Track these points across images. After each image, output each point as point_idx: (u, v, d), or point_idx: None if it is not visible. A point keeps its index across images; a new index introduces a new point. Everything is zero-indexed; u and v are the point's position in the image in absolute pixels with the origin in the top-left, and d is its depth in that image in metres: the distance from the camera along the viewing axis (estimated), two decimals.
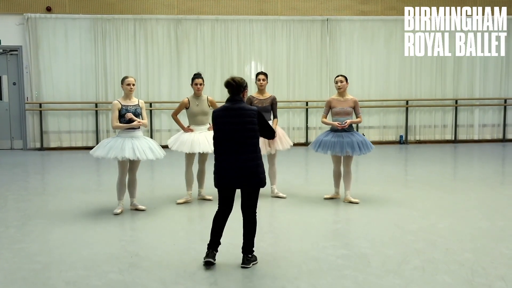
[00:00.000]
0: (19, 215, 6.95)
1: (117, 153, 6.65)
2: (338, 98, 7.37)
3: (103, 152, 6.75)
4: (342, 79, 7.32)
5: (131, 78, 6.98)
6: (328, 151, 7.23)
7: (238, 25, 13.92)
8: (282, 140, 7.82)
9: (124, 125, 6.82)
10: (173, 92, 13.82)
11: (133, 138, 6.85)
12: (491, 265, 4.84)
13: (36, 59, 13.39)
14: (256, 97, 7.73)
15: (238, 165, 4.80)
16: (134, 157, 6.69)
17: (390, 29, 14.28)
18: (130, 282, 4.54)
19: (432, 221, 6.40)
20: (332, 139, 7.23)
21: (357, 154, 7.25)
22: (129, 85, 6.89)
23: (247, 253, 4.95)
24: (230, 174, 4.83)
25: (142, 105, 7.05)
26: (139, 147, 6.77)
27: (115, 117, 6.81)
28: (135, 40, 13.68)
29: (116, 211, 6.87)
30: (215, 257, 4.94)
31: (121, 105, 6.84)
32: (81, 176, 9.90)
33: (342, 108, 7.28)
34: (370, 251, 5.29)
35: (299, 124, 14.25)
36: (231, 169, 4.82)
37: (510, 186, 8.89)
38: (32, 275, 4.72)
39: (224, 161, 4.86)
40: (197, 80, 7.39)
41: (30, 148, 13.60)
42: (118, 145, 6.72)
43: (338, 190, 7.65)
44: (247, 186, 4.87)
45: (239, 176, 4.82)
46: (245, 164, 4.80)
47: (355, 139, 7.22)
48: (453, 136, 14.64)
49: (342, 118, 7.27)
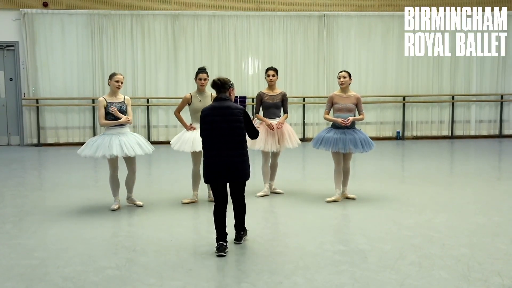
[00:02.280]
0: (16, 211, 6.95)
1: (104, 151, 6.60)
2: (340, 94, 7.19)
3: (90, 151, 6.68)
4: (346, 74, 7.09)
5: (119, 75, 6.86)
6: (330, 147, 7.05)
7: (235, 20, 13.91)
8: (292, 137, 7.67)
9: (112, 122, 6.76)
10: (170, 88, 13.81)
11: (120, 134, 6.78)
12: (487, 260, 4.86)
13: (33, 54, 13.36)
14: (267, 93, 7.58)
15: (226, 161, 5.08)
16: (122, 154, 6.64)
17: (387, 25, 14.29)
18: (127, 277, 4.55)
19: (429, 217, 6.42)
20: (335, 135, 7.06)
21: (359, 152, 7.09)
22: (118, 82, 6.81)
23: (239, 230, 5.42)
24: (218, 170, 5.11)
25: (128, 102, 6.96)
26: (127, 143, 6.70)
27: (101, 115, 6.75)
28: (132, 36, 13.65)
29: (113, 207, 6.87)
30: (226, 247, 5.13)
31: (107, 102, 6.77)
32: (78, 172, 9.89)
33: (344, 105, 7.12)
34: (367, 246, 5.30)
35: (296, 120, 14.24)
36: (219, 165, 5.10)
37: (506, 181, 8.91)
38: (29, 271, 4.72)
39: (212, 158, 5.11)
40: (201, 74, 7.08)
41: (27, 144, 13.57)
42: (106, 143, 6.66)
43: (340, 191, 7.29)
44: (234, 180, 5.23)
45: (227, 172, 5.12)
46: (231, 160, 5.10)
47: (358, 137, 7.08)
48: (450, 132, 14.67)
49: (344, 115, 7.10)
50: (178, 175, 9.35)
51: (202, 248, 5.31)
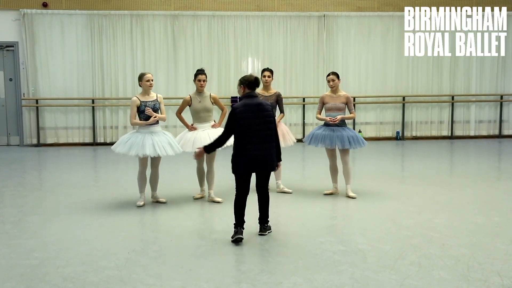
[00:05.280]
0: (16, 211, 6.95)
1: (138, 150, 6.75)
2: (331, 94, 7.59)
3: (124, 149, 6.84)
4: (334, 77, 7.51)
5: (149, 74, 6.99)
6: (319, 144, 7.45)
7: (235, 21, 13.91)
8: (286, 136, 7.85)
9: (142, 122, 6.90)
10: (170, 88, 13.81)
11: (152, 133, 6.92)
12: (487, 261, 4.86)
13: (33, 55, 13.35)
14: (262, 94, 7.69)
15: (259, 153, 5.51)
16: (154, 154, 6.78)
17: (387, 25, 14.29)
18: (126, 277, 4.55)
19: (428, 217, 6.42)
20: (323, 132, 7.48)
21: (347, 147, 7.39)
22: (149, 81, 6.94)
23: (263, 222, 5.77)
24: (252, 161, 5.50)
25: (161, 100, 7.12)
26: (159, 143, 6.82)
27: (133, 114, 6.89)
28: (131, 36, 13.65)
29: (139, 204, 7.01)
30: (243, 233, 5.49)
31: (140, 101, 6.91)
32: (77, 172, 9.89)
33: (334, 104, 7.49)
34: (366, 246, 5.31)
35: (296, 120, 14.25)
36: (254, 157, 5.49)
37: (506, 181, 8.91)
38: (29, 271, 4.72)
39: (248, 151, 5.47)
40: (200, 76, 7.20)
41: (26, 144, 13.57)
42: (139, 142, 6.80)
43: (337, 185, 7.71)
44: (264, 171, 5.68)
45: (260, 163, 5.55)
46: (264, 152, 5.55)
47: (346, 134, 7.42)
48: (450, 132, 14.68)
49: (334, 114, 7.46)
50: (178, 175, 9.35)
51: (201, 248, 5.31)
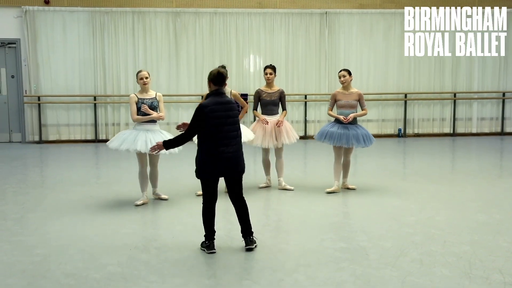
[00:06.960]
0: (18, 207, 6.96)
1: (129, 145, 6.74)
2: (343, 91, 7.58)
3: (116, 144, 6.84)
4: (345, 73, 7.51)
5: (144, 71, 6.98)
6: (335, 142, 7.41)
7: (236, 18, 13.89)
8: (289, 133, 7.84)
9: (144, 117, 6.88)
10: (171, 85, 13.80)
11: (148, 131, 6.90)
12: (488, 258, 4.86)
13: (35, 52, 13.36)
14: (265, 91, 7.73)
15: (229, 156, 4.99)
16: (145, 150, 6.73)
17: (389, 22, 14.25)
18: (128, 274, 4.56)
19: (430, 214, 6.42)
20: (339, 130, 7.44)
21: (361, 146, 7.47)
22: (142, 79, 6.93)
23: (248, 235, 5.18)
24: (221, 164, 4.98)
25: (160, 98, 7.08)
26: (153, 140, 6.73)
27: (133, 111, 6.89)
28: (133, 33, 13.64)
29: (137, 203, 6.96)
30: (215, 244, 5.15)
31: (138, 98, 6.90)
32: (79, 169, 9.90)
33: (346, 101, 7.49)
34: (368, 243, 5.31)
35: (298, 117, 14.23)
36: (224, 160, 4.97)
37: (507, 179, 8.90)
38: (31, 267, 4.73)
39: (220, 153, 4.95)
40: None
41: (28, 141, 13.59)
42: (132, 138, 6.79)
43: (340, 183, 7.68)
44: (238, 174, 5.11)
45: (231, 166, 5.02)
46: (234, 154, 5.04)
47: (360, 132, 7.47)
48: (452, 129, 14.65)
49: (346, 111, 7.47)
50: (179, 172, 9.35)
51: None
